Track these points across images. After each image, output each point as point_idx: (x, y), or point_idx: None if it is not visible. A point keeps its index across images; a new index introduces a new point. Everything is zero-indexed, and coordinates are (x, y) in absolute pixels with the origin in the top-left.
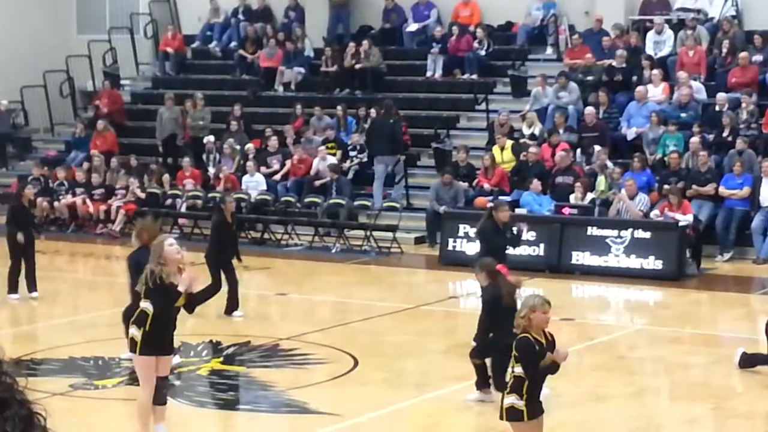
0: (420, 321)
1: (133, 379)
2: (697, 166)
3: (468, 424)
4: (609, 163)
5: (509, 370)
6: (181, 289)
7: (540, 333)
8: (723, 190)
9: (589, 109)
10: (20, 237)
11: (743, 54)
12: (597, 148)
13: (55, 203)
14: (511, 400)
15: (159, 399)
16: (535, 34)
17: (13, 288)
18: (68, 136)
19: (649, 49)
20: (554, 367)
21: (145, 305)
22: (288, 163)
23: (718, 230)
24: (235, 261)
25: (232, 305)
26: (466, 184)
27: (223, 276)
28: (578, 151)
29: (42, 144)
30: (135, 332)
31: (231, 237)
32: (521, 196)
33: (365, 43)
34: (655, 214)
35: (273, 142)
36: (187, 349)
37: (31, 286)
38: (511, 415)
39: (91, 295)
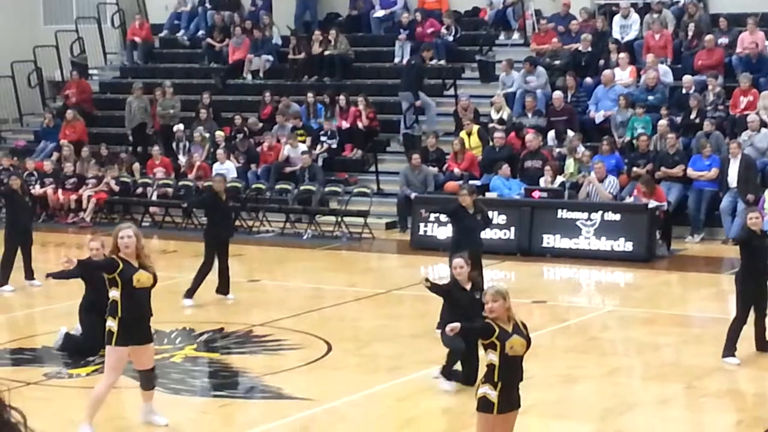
0: (392, 305)
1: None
2: (665, 149)
3: (442, 407)
4: (581, 147)
5: (484, 358)
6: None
7: (505, 321)
8: (691, 172)
9: (557, 94)
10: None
11: (709, 37)
12: (570, 132)
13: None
14: (484, 389)
15: (148, 385)
16: (502, 19)
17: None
18: (37, 126)
19: (616, 33)
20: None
21: (114, 294)
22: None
23: (690, 212)
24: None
25: (224, 287)
26: (436, 169)
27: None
28: (549, 135)
29: (11, 135)
30: (110, 323)
31: (227, 212)
32: (491, 180)
33: (333, 30)
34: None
35: (242, 134)
36: (161, 337)
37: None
38: (482, 405)
39: (64, 285)
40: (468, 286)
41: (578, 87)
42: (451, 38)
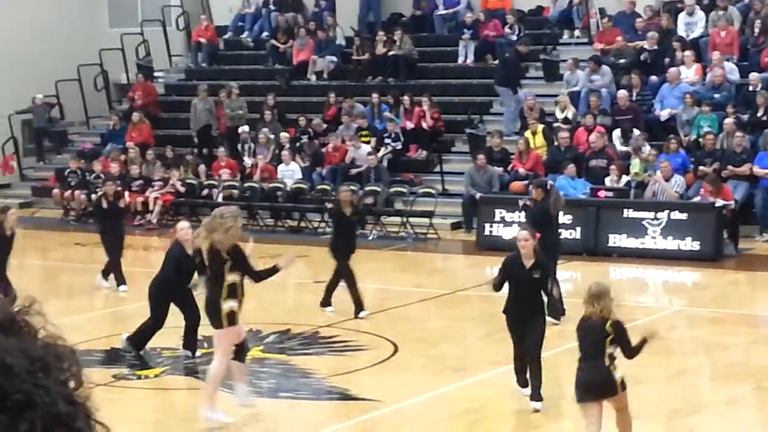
0: (458, 306)
1: (175, 369)
2: (732, 147)
3: (508, 408)
4: (646, 146)
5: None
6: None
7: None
8: (758, 170)
9: (622, 92)
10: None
11: None
12: (636, 132)
13: (93, 196)
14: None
15: (243, 357)
16: (566, 18)
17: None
18: (103, 128)
19: (681, 31)
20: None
21: (234, 278)
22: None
23: (757, 210)
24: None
25: (327, 298)
26: (500, 168)
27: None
28: (613, 134)
29: (78, 137)
30: (232, 304)
31: (348, 228)
32: (556, 179)
33: (396, 30)
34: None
35: (307, 135)
36: None
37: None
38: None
39: (131, 287)
40: (529, 263)
41: (643, 85)
42: (514, 37)
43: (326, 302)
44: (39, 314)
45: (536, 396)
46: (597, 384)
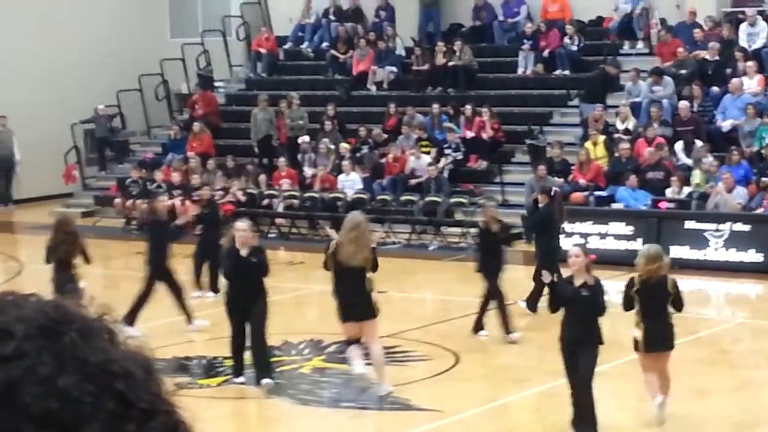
0: (518, 317)
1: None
2: None
3: (569, 419)
4: (710, 157)
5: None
6: None
7: None
8: None
9: (683, 103)
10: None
11: None
12: (698, 143)
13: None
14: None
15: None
16: (626, 28)
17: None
18: (164, 138)
19: (743, 41)
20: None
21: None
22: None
23: None
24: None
25: (479, 321)
26: (561, 179)
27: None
28: (676, 145)
29: (139, 147)
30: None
31: (495, 246)
32: (617, 191)
33: (456, 41)
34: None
35: (367, 146)
36: (289, 348)
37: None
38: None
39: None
40: (579, 281)
41: (705, 96)
42: (574, 48)
43: (479, 327)
44: (117, 322)
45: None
46: (663, 338)
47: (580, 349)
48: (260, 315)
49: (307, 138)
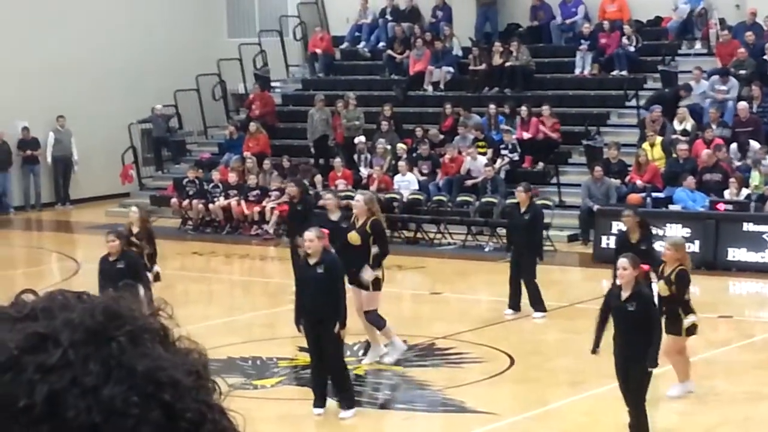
0: (574, 319)
1: (292, 379)
2: None
3: (624, 422)
4: (767, 159)
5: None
6: None
7: None
8: None
9: (743, 104)
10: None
11: None
12: (755, 144)
13: (210, 205)
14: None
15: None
16: (685, 29)
17: None
18: (221, 138)
19: None
20: None
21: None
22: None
23: None
24: None
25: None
26: (618, 180)
27: None
28: (731, 146)
29: (196, 147)
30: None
31: (635, 250)
32: (674, 192)
33: (513, 41)
34: None
35: (424, 146)
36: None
37: None
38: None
39: (247, 296)
40: (626, 294)
41: (764, 97)
42: (632, 48)
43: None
44: (171, 318)
45: None
46: None
47: (629, 366)
48: (333, 338)
49: (363, 138)
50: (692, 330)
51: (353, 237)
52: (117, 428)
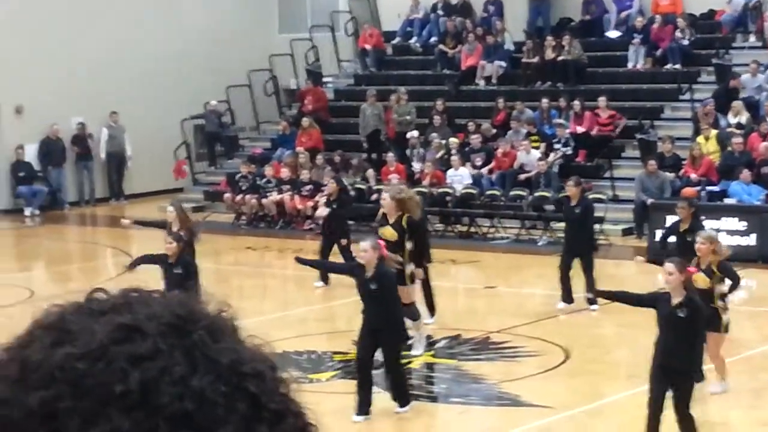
0: (630, 313)
1: (346, 373)
2: None
3: None
4: None
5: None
6: None
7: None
8: None
9: None
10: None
11: None
12: None
13: (263, 200)
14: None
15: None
16: (739, 22)
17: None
18: (273, 133)
19: None
20: None
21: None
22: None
23: None
24: None
25: None
26: (672, 174)
27: None
28: None
29: (248, 142)
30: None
31: (686, 244)
32: (729, 186)
33: (566, 35)
34: None
35: (475, 139)
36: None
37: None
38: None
39: (301, 291)
40: (676, 299)
41: None
42: (686, 42)
43: None
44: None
45: None
46: None
47: (673, 377)
48: (392, 347)
49: (416, 133)
50: (728, 327)
51: (388, 232)
52: (208, 417)
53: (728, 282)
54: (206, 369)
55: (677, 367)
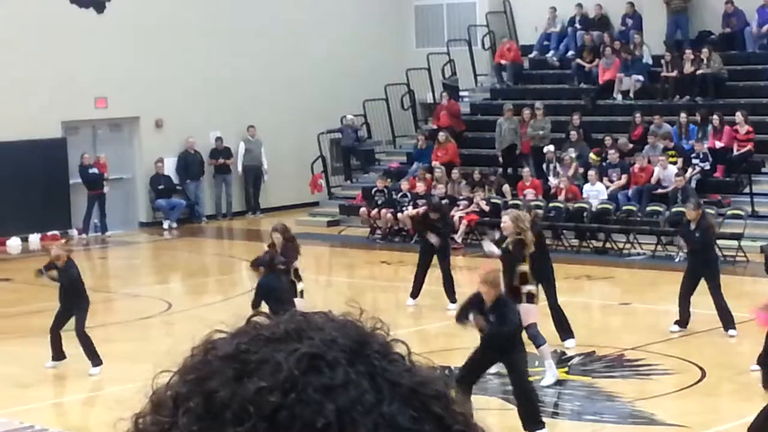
0: None
1: (495, 392)
2: None
3: None
4: None
5: None
6: None
7: None
8: None
9: None
10: (434, 239)
11: None
12: None
13: (399, 214)
14: None
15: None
16: None
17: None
18: (409, 147)
19: None
20: None
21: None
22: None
23: None
24: None
25: None
26: None
27: None
28: None
29: (384, 156)
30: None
31: None
32: None
33: (705, 48)
34: None
35: (613, 155)
36: (532, 359)
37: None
38: None
39: (436, 306)
40: None
41: None
42: None
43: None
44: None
45: None
46: None
47: None
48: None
49: (552, 147)
50: None
51: None
52: None
53: None
54: (391, 394)
55: None
